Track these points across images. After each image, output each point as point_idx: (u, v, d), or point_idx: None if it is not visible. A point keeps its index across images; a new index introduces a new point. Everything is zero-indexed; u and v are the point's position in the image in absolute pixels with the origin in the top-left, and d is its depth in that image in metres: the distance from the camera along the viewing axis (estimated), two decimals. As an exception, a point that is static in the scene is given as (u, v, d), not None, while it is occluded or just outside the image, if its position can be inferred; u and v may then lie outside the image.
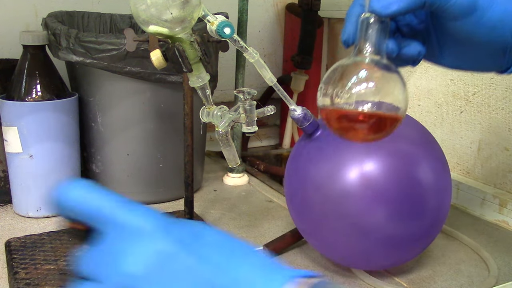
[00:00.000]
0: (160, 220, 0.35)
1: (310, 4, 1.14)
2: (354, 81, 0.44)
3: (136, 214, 0.35)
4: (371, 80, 0.45)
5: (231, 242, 0.35)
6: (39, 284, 0.64)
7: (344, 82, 0.45)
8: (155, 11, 0.54)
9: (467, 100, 0.92)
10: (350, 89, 0.44)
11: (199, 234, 0.34)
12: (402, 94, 0.46)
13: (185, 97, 0.76)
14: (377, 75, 0.45)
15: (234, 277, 0.32)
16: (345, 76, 0.45)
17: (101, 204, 0.36)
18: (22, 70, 0.83)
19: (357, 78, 0.45)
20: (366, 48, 0.46)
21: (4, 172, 0.89)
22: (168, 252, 0.33)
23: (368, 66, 0.45)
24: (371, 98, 0.44)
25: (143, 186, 0.92)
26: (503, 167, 0.88)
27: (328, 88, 0.46)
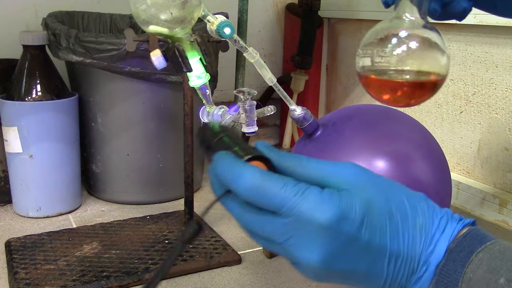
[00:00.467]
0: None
1: (310, 4, 1.14)
2: (395, 43, 0.44)
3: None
4: (411, 42, 0.44)
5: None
6: (39, 284, 0.64)
7: (384, 44, 0.44)
8: (155, 11, 0.54)
9: (467, 100, 0.92)
10: (391, 51, 0.44)
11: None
12: (443, 57, 0.45)
13: (185, 97, 0.76)
14: (418, 37, 0.44)
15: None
16: (385, 38, 0.44)
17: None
18: (22, 70, 0.83)
19: (398, 40, 0.44)
20: (406, 8, 0.45)
21: (4, 172, 0.89)
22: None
23: (409, 28, 0.44)
24: (411, 61, 0.44)
25: (143, 186, 0.92)
26: (503, 167, 0.88)
27: (368, 50, 0.45)
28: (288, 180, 0.34)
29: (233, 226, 0.84)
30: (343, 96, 1.28)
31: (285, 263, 0.73)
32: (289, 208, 0.33)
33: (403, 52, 0.44)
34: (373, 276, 0.35)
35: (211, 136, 0.40)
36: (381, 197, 0.35)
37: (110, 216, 0.88)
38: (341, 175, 0.35)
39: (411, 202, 0.36)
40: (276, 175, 0.34)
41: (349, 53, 1.24)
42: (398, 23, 0.45)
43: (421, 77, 0.45)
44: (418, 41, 0.44)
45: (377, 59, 0.44)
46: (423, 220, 0.35)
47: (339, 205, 0.33)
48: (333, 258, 0.33)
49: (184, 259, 0.71)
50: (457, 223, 0.35)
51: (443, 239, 0.35)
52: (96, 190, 0.95)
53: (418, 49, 0.44)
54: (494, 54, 0.86)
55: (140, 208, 0.91)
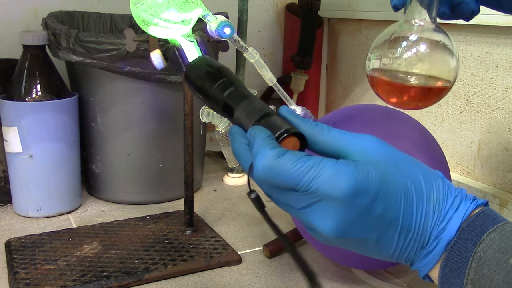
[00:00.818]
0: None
1: (310, 4, 1.14)
2: (404, 47, 0.44)
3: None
4: (421, 46, 0.44)
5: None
6: (39, 284, 0.64)
7: (394, 46, 0.44)
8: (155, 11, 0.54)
9: (467, 100, 0.92)
10: (401, 54, 0.44)
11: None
12: (452, 61, 0.45)
13: (185, 97, 0.76)
14: (428, 41, 0.45)
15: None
16: (395, 41, 0.45)
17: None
18: (22, 70, 0.83)
19: (407, 43, 0.44)
20: (416, 12, 0.45)
21: (4, 172, 0.89)
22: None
23: (418, 31, 0.45)
24: (421, 65, 0.44)
25: (143, 186, 0.92)
26: (503, 167, 0.88)
27: (377, 52, 0.45)
28: (300, 155, 0.34)
29: (233, 226, 0.84)
30: (343, 96, 1.28)
31: (285, 263, 0.73)
32: (305, 184, 0.34)
33: (413, 55, 0.44)
34: (383, 246, 0.36)
35: (209, 78, 0.40)
36: (397, 172, 0.35)
37: (110, 216, 0.88)
38: (360, 146, 0.36)
39: (427, 179, 0.36)
40: (288, 153, 0.34)
41: (349, 53, 1.24)
42: (407, 26, 0.46)
43: (430, 81, 0.45)
44: (428, 45, 0.45)
45: (386, 61, 0.45)
46: (437, 196, 0.36)
47: (355, 177, 0.34)
48: (346, 228, 0.34)
49: (184, 259, 0.71)
50: (470, 202, 0.36)
51: (456, 217, 0.35)
52: (96, 190, 0.95)
53: (428, 52, 0.44)
54: (494, 54, 0.86)
55: (140, 208, 0.91)
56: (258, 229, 0.83)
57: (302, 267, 0.37)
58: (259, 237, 0.80)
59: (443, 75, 0.45)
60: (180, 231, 0.79)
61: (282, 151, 0.35)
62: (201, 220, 0.84)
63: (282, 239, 0.39)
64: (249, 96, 0.39)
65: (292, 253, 0.37)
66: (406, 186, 0.35)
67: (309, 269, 0.37)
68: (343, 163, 0.34)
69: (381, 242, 0.35)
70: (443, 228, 0.35)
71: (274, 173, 0.34)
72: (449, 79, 0.45)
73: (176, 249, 0.74)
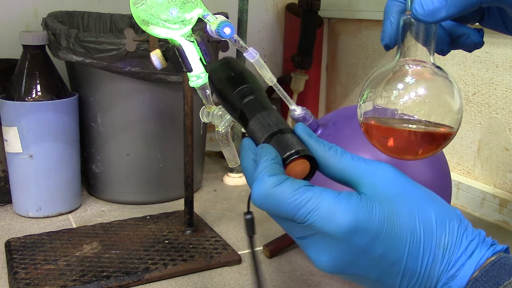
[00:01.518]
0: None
1: (310, 4, 1.14)
2: (401, 90, 0.39)
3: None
4: (418, 89, 0.39)
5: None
6: (39, 284, 0.64)
7: (388, 91, 0.39)
8: (155, 11, 0.54)
9: (467, 100, 0.92)
10: (396, 99, 0.39)
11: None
12: (454, 103, 0.39)
13: (185, 97, 0.76)
14: (425, 83, 0.39)
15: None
16: (389, 85, 0.39)
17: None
18: (22, 70, 0.83)
19: (403, 87, 0.39)
20: (410, 52, 0.40)
21: (4, 172, 0.89)
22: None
23: (415, 73, 0.39)
24: (420, 110, 0.39)
25: (143, 186, 0.92)
26: (503, 167, 0.88)
27: (370, 97, 0.40)
28: (299, 185, 0.32)
29: (233, 226, 0.84)
30: (343, 96, 1.28)
31: (285, 263, 0.73)
32: (301, 216, 0.32)
33: (411, 100, 0.39)
34: (384, 285, 0.33)
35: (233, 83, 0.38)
36: (406, 210, 0.33)
37: (110, 216, 0.88)
38: (372, 177, 0.34)
39: (441, 219, 0.33)
40: (287, 182, 0.32)
41: (349, 53, 1.24)
42: (402, 67, 0.40)
43: (430, 128, 0.39)
44: (426, 87, 0.39)
45: (380, 110, 0.39)
46: (449, 239, 0.33)
47: (355, 214, 0.32)
48: (342, 265, 0.33)
49: (184, 259, 0.71)
50: (487, 248, 0.33)
51: (468, 264, 0.33)
52: (96, 190, 0.95)
53: (427, 95, 0.39)
54: (494, 54, 0.86)
55: (140, 208, 0.91)
56: (258, 229, 0.83)
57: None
58: (259, 237, 0.80)
59: (446, 120, 0.40)
60: (180, 231, 0.79)
61: (281, 179, 0.33)
62: (201, 220, 0.84)
63: (256, 271, 0.38)
64: (267, 108, 0.37)
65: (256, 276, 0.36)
66: (413, 226, 0.33)
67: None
68: (345, 197, 0.32)
69: (381, 281, 0.33)
70: (453, 275, 0.32)
71: (270, 202, 0.33)
72: (452, 124, 0.40)
73: (176, 249, 0.74)
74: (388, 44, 0.42)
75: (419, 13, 0.37)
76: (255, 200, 0.33)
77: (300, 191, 0.32)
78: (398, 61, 0.40)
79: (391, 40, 0.42)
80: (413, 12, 0.37)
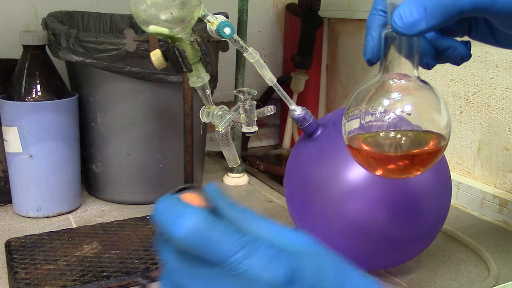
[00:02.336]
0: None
1: (310, 4, 1.14)
2: (386, 106, 0.38)
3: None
4: (404, 105, 0.38)
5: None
6: (39, 284, 0.64)
7: (374, 107, 0.38)
8: (155, 11, 0.54)
9: (467, 100, 0.92)
10: (381, 116, 0.37)
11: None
12: (441, 118, 0.39)
13: (185, 97, 0.76)
14: (413, 98, 0.38)
15: None
16: (374, 100, 0.38)
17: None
18: (22, 70, 0.83)
19: (389, 103, 0.38)
20: (393, 66, 0.39)
21: (4, 172, 0.89)
22: None
23: (399, 88, 0.38)
24: (407, 127, 0.37)
25: (143, 186, 0.92)
26: (503, 167, 0.88)
27: (354, 113, 0.39)
28: (235, 228, 0.29)
29: (233, 226, 0.84)
30: (343, 96, 1.28)
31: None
32: (235, 263, 0.28)
33: (396, 118, 0.37)
34: None
35: None
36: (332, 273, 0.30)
37: (110, 216, 0.88)
38: (291, 242, 0.31)
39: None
40: (222, 222, 0.29)
41: (349, 53, 1.24)
42: (386, 82, 0.39)
43: (419, 145, 0.39)
44: (412, 103, 0.38)
45: (365, 129, 0.38)
46: None
47: (293, 263, 0.29)
48: None
49: (184, 259, 0.71)
50: None
51: None
52: (96, 190, 0.95)
53: (412, 112, 0.38)
54: (494, 54, 0.86)
55: (140, 208, 0.91)
56: (258, 229, 0.83)
57: None
58: (259, 237, 0.80)
59: (433, 134, 0.39)
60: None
61: (212, 217, 0.29)
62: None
63: None
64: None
65: None
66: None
67: None
68: (279, 249, 0.29)
69: None
70: None
71: (204, 241, 0.28)
72: (441, 137, 0.39)
73: (176, 249, 0.73)
74: (371, 59, 0.41)
75: (399, 25, 0.36)
76: (186, 234, 0.29)
77: (236, 235, 0.29)
78: (381, 76, 0.39)
79: (374, 55, 0.41)
80: (392, 25, 0.37)
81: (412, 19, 0.36)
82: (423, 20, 0.36)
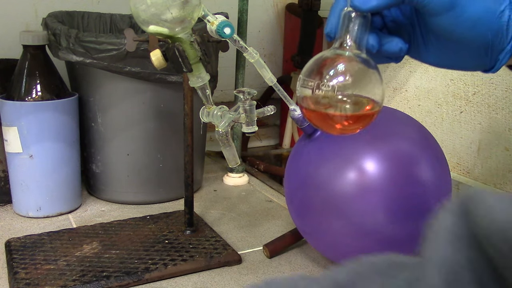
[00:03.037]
0: None
1: (310, 4, 1.14)
2: (332, 74, 0.45)
3: None
4: (349, 74, 0.46)
5: None
6: (39, 284, 0.64)
7: (323, 74, 0.45)
8: (155, 11, 0.54)
9: (467, 100, 0.92)
10: (328, 81, 0.45)
11: None
12: (379, 88, 0.47)
13: (185, 97, 0.76)
14: (355, 69, 0.46)
15: None
16: (324, 68, 0.46)
17: None
18: (22, 70, 0.83)
19: (336, 71, 0.45)
20: (346, 41, 0.46)
21: (4, 172, 0.89)
22: None
23: (347, 59, 0.46)
24: (349, 91, 0.45)
25: (143, 186, 0.92)
26: (503, 167, 0.88)
27: (307, 79, 0.46)
28: None
29: (233, 226, 0.84)
30: (343, 96, 1.28)
31: (285, 263, 0.73)
32: None
33: (340, 83, 0.45)
34: None
35: None
36: None
37: (110, 216, 0.88)
38: None
39: None
40: None
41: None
42: (338, 54, 0.47)
43: (360, 108, 0.46)
44: (355, 73, 0.46)
45: (315, 91, 0.45)
46: None
47: None
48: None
49: (184, 259, 0.71)
50: None
51: None
52: (96, 190, 0.95)
53: (354, 80, 0.45)
54: (494, 54, 0.86)
55: (140, 208, 0.91)
56: (258, 229, 0.83)
57: None
58: (259, 237, 0.80)
59: (372, 99, 0.46)
60: (180, 231, 0.79)
61: None
62: (201, 220, 0.84)
63: None
64: None
65: None
66: None
67: None
68: None
69: None
70: None
71: None
72: (378, 102, 0.47)
73: (176, 249, 0.74)
74: (329, 33, 0.48)
75: (356, 1, 0.45)
76: None
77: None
78: (333, 48, 0.47)
79: (332, 30, 0.48)
80: (351, 1, 0.45)
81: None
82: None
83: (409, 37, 0.50)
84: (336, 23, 0.48)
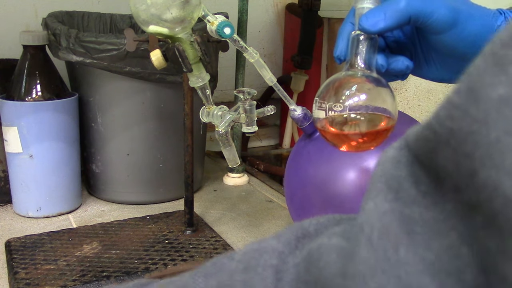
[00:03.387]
0: None
1: (310, 4, 1.14)
2: (347, 95, 0.47)
3: None
4: (362, 93, 0.47)
5: None
6: (39, 284, 0.64)
7: (338, 95, 0.47)
8: (155, 11, 0.54)
9: (467, 100, 0.92)
10: (343, 102, 0.46)
11: None
12: (392, 104, 0.48)
13: (185, 97, 0.76)
14: (368, 88, 0.47)
15: None
16: (339, 90, 0.47)
17: None
18: (22, 70, 0.83)
19: (350, 91, 0.47)
20: (357, 63, 0.48)
21: (4, 172, 0.89)
22: None
23: (359, 80, 0.47)
24: (363, 110, 0.46)
25: (143, 186, 0.92)
26: (503, 167, 0.87)
27: (322, 102, 0.48)
28: None
29: (233, 226, 0.84)
30: (343, 96, 1.28)
31: (285, 263, 0.73)
32: None
33: (355, 103, 0.46)
34: None
35: None
36: None
37: (110, 216, 0.88)
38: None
39: None
40: None
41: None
42: (350, 75, 0.48)
43: (375, 125, 0.48)
44: (368, 92, 0.47)
45: (330, 112, 0.47)
46: None
47: None
48: None
49: (184, 259, 0.71)
50: None
51: None
52: (96, 190, 0.95)
53: (368, 99, 0.47)
54: (494, 54, 0.86)
55: (140, 208, 0.91)
56: (258, 229, 0.83)
57: None
58: (259, 237, 0.80)
59: (386, 117, 0.48)
60: (180, 231, 0.79)
61: None
62: (201, 220, 0.84)
63: None
64: None
65: None
66: None
67: None
68: None
69: None
70: None
71: None
72: (392, 119, 0.48)
73: (176, 249, 0.74)
74: (339, 56, 0.50)
75: (364, 24, 0.46)
76: None
77: None
78: (346, 70, 0.48)
79: (341, 53, 0.50)
80: (359, 24, 0.47)
81: (374, 19, 0.46)
82: (382, 20, 0.46)
83: (410, 56, 0.52)
84: (345, 46, 0.50)
